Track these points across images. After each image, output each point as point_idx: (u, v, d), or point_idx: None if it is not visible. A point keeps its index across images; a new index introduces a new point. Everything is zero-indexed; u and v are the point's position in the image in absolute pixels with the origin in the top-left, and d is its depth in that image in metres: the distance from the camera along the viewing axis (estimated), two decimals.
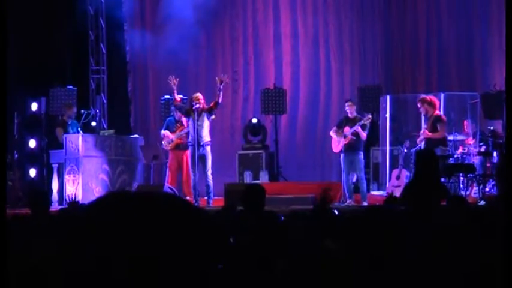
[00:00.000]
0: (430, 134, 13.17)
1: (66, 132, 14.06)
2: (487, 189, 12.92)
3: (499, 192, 9.13)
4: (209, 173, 13.42)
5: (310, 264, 3.18)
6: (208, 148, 13.43)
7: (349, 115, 13.80)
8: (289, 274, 3.09)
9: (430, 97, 13.53)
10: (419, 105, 13.52)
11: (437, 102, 13.43)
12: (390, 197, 7.80)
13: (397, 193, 10.26)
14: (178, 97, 13.61)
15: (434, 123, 13.22)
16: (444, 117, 13.38)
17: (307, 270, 3.16)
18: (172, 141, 14.33)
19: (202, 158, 13.39)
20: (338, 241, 3.99)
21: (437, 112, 13.33)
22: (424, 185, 7.33)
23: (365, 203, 13.32)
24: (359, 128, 13.53)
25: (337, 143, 13.85)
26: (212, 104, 13.35)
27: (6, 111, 7.73)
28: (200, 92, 13.72)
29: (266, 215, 7.11)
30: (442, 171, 13.15)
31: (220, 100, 13.32)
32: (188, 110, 13.44)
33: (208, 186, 13.41)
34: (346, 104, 14.05)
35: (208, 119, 13.42)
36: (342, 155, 13.77)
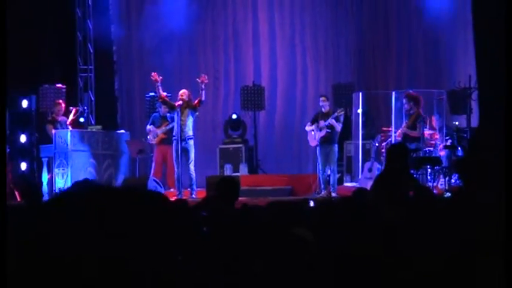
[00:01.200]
0: (409, 131, 13.24)
1: (55, 128, 14.05)
2: (453, 180, 12.96)
3: (463, 185, 9.20)
4: (191, 165, 13.40)
5: (284, 253, 3.17)
6: (191, 142, 13.43)
7: (323, 109, 13.85)
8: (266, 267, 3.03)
9: (416, 94, 13.55)
10: (404, 100, 13.55)
11: (421, 100, 13.45)
12: (358, 190, 7.84)
13: (369, 185, 10.32)
14: (163, 93, 13.62)
15: (416, 121, 13.26)
16: (425, 117, 13.43)
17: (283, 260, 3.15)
18: (157, 135, 14.35)
19: (186, 151, 13.39)
20: (312, 229, 4.00)
21: (420, 111, 13.34)
22: (394, 177, 7.38)
23: (334, 194, 13.38)
24: (333, 120, 13.58)
25: (314, 138, 13.90)
26: (196, 102, 13.36)
27: (5, 110, 7.67)
28: (184, 88, 13.74)
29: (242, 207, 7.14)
30: (411, 164, 13.25)
31: (203, 98, 13.35)
32: (173, 106, 13.47)
33: (191, 178, 13.42)
34: (321, 99, 14.08)
35: (192, 115, 13.43)
36: (317, 148, 13.78)
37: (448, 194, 12.07)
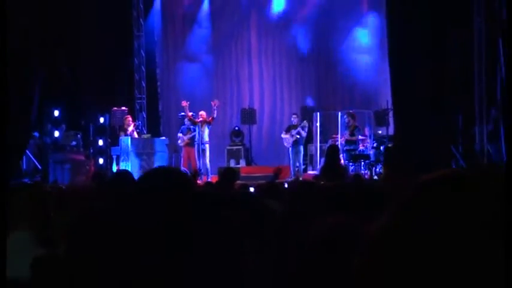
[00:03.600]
0: (350, 137, 13.41)
1: (126, 135, 14.24)
2: (378, 170, 13.14)
3: (384, 173, 9.42)
4: (207, 160, 13.60)
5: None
6: (207, 146, 13.69)
7: (294, 123, 14.16)
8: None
9: (353, 112, 13.57)
10: (345, 117, 13.49)
11: (356, 116, 13.47)
12: (316, 175, 8.10)
13: None
14: (189, 113, 13.90)
15: (354, 130, 13.37)
16: (360, 128, 13.48)
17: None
18: (184, 140, 14.60)
19: (203, 152, 13.67)
20: (283, 202, 4.28)
21: (356, 124, 13.39)
22: (332, 166, 7.61)
23: (301, 179, 13.59)
24: (300, 129, 13.88)
25: (287, 141, 14.17)
26: (210, 118, 13.66)
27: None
28: (203, 110, 13.99)
29: (239, 186, 7.16)
30: (350, 159, 13.52)
31: (215, 116, 13.65)
32: (195, 122, 13.76)
33: (207, 169, 13.67)
34: (293, 115, 14.37)
35: (208, 127, 13.72)
36: (290, 149, 13.99)
37: (375, 178, 12.40)
